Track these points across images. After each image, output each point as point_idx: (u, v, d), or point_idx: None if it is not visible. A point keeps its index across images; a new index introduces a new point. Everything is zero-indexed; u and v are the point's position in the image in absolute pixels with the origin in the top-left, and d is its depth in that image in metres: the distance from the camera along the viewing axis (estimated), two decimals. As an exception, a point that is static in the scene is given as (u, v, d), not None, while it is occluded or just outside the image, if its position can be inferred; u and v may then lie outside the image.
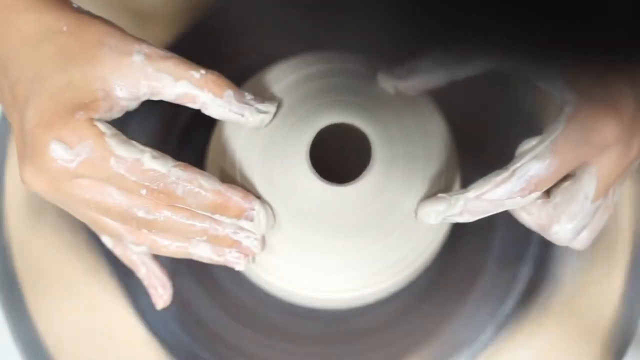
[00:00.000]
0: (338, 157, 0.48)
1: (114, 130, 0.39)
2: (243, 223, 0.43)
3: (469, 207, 0.42)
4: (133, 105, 0.41)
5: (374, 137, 0.44)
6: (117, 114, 0.41)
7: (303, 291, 0.47)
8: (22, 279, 0.52)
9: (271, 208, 0.44)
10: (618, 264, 0.53)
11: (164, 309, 0.47)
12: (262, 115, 0.43)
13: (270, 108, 0.44)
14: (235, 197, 0.42)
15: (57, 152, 0.38)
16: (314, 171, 0.44)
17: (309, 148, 0.44)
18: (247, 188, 0.44)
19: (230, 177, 0.45)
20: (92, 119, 0.39)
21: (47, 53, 0.39)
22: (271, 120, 0.44)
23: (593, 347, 0.52)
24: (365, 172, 0.44)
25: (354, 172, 0.44)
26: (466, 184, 0.44)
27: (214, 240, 0.42)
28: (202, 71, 0.41)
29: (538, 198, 0.43)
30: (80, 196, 0.39)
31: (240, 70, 0.44)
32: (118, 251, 0.47)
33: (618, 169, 0.42)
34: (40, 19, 0.40)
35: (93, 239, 0.51)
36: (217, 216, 0.42)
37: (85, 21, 0.40)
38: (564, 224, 0.43)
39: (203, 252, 0.43)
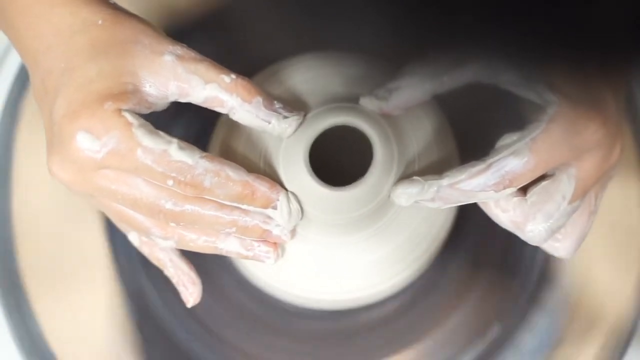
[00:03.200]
0: (341, 155, 0.47)
1: (141, 121, 0.39)
2: (270, 212, 0.42)
3: (442, 194, 0.42)
4: (161, 104, 0.41)
5: (374, 138, 0.44)
6: (144, 110, 0.40)
7: (302, 292, 0.47)
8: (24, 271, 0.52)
9: (298, 200, 0.43)
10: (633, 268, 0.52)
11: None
12: (287, 124, 0.43)
13: (298, 118, 0.43)
14: (262, 187, 0.41)
15: (84, 142, 0.38)
16: (313, 175, 0.43)
17: (307, 152, 0.43)
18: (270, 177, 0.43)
19: (240, 155, 0.45)
20: (120, 110, 0.38)
21: (79, 44, 0.39)
22: (295, 131, 0.43)
23: (594, 345, 0.51)
24: (364, 175, 0.43)
25: (358, 171, 0.44)
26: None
27: (244, 231, 0.42)
28: (233, 76, 0.41)
29: (514, 195, 0.43)
30: (107, 187, 0.39)
31: (241, 70, 0.43)
32: (145, 250, 0.46)
33: (598, 172, 0.42)
34: (76, 13, 0.40)
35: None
36: (244, 206, 0.41)
37: (121, 17, 0.40)
38: (539, 223, 0.42)
39: (231, 247, 0.42)
